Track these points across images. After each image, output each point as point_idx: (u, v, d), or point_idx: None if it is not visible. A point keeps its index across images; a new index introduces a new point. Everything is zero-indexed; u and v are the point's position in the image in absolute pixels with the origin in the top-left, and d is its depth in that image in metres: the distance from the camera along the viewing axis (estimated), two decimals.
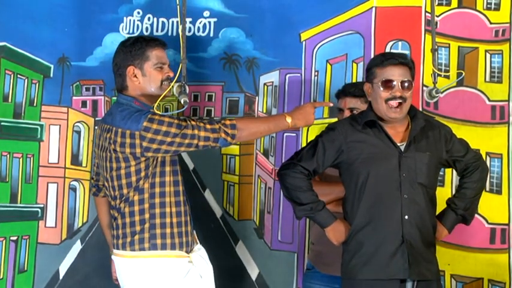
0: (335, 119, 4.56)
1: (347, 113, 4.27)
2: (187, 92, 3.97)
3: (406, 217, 3.72)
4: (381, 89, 3.76)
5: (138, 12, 4.88)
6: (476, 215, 4.18)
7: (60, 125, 4.86)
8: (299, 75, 4.81)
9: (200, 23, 4.85)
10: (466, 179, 3.94)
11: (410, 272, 3.69)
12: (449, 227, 3.95)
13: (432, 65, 3.67)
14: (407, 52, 4.62)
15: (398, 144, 3.79)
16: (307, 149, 3.89)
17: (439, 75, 4.21)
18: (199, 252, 3.99)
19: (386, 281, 3.70)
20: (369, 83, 3.84)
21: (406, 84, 3.76)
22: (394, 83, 3.74)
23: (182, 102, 3.91)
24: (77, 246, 4.86)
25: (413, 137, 3.80)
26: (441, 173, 4.42)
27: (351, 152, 3.81)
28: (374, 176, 3.75)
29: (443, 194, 4.26)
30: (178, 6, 3.97)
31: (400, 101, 3.75)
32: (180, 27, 4.22)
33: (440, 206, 3.96)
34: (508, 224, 4.51)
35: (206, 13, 4.85)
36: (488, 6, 4.63)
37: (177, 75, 3.94)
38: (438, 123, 3.98)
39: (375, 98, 3.81)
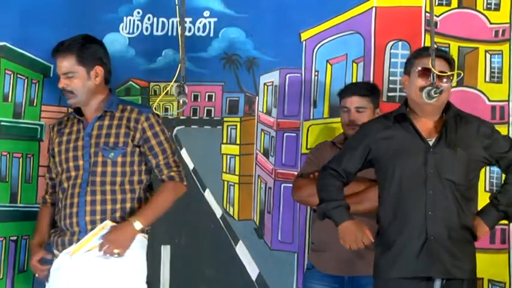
0: (335, 119, 4.59)
1: (354, 112, 4.26)
2: (186, 92, 3.97)
3: (430, 213, 3.64)
4: (417, 77, 3.71)
5: (138, 12, 4.87)
6: None
7: None
8: (299, 75, 4.82)
9: (200, 22, 4.85)
10: (510, 175, 3.81)
11: (434, 269, 3.61)
12: (491, 223, 3.81)
13: (430, 65, 3.66)
14: (407, 52, 4.62)
15: (428, 139, 3.72)
16: (339, 152, 3.91)
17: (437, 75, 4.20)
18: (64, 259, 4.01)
19: (413, 280, 3.63)
20: (407, 74, 3.79)
21: (448, 77, 3.71)
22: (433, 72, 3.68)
23: (181, 102, 3.93)
24: None
25: (443, 132, 3.72)
26: None
27: (379, 150, 3.76)
28: (399, 172, 3.69)
29: None
30: (177, 6, 3.98)
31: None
32: (179, 27, 4.22)
33: None
34: (508, 224, 4.49)
35: (206, 13, 4.85)
36: (488, 6, 4.64)
37: (176, 75, 3.95)
38: (478, 120, 3.85)
39: (411, 87, 3.75)
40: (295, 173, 4.54)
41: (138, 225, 3.93)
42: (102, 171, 4.01)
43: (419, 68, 3.71)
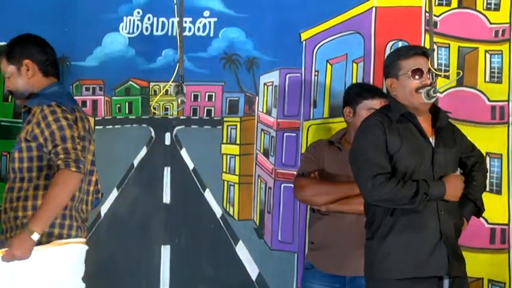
0: (335, 119, 4.58)
1: None
2: (185, 91, 3.97)
3: (442, 212, 3.62)
4: (411, 78, 3.66)
5: (138, 12, 4.89)
6: None
7: None
8: (299, 75, 4.82)
9: (200, 22, 4.86)
10: (475, 173, 3.85)
11: (449, 268, 3.58)
12: (468, 218, 3.86)
13: (429, 65, 3.65)
14: None
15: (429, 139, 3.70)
16: (370, 155, 3.67)
17: (437, 75, 4.19)
18: None
19: (426, 279, 3.58)
20: (393, 77, 3.72)
21: (431, 73, 3.67)
22: (424, 71, 3.66)
23: (179, 101, 3.92)
24: None
25: (439, 132, 3.71)
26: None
27: (389, 145, 3.65)
28: (411, 172, 3.63)
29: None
30: (175, 6, 3.98)
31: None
32: (177, 25, 4.23)
33: None
34: (508, 224, 4.51)
35: (206, 13, 4.86)
36: (488, 6, 4.64)
37: (174, 74, 3.96)
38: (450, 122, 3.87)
39: (403, 90, 3.69)
40: (295, 173, 4.53)
41: (35, 236, 3.66)
42: (9, 168, 3.91)
43: (412, 69, 3.66)
